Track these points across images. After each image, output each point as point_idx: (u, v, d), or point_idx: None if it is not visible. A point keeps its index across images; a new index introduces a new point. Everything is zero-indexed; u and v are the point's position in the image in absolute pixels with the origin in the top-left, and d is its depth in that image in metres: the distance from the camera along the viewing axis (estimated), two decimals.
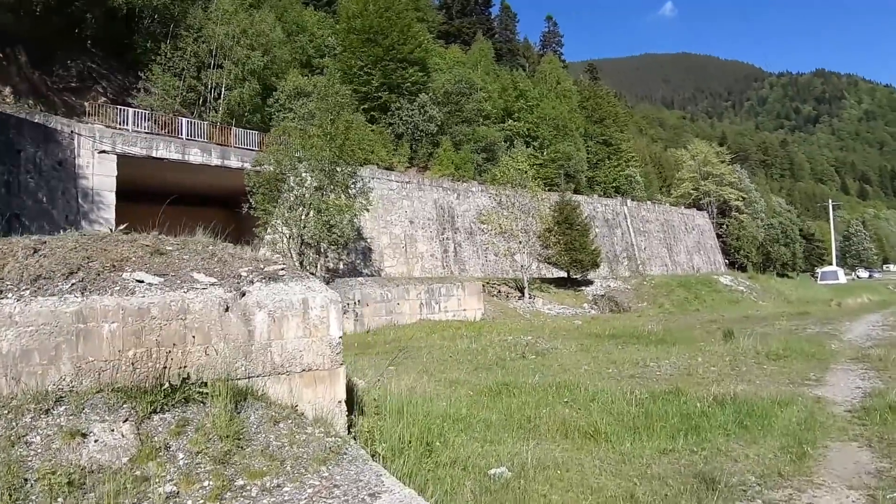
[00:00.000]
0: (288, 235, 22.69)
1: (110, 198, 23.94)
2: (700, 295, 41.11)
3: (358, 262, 31.30)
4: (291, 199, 22.40)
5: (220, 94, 35.75)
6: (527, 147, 56.31)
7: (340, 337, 6.06)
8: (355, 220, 25.83)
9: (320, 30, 52.22)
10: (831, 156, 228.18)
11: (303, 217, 22.37)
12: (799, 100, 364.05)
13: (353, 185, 24.54)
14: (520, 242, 32.03)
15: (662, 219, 64.25)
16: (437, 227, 36.78)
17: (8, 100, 28.81)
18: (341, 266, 30.31)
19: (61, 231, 20.05)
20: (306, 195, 22.75)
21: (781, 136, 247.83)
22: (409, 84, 48.60)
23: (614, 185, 66.32)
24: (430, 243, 35.96)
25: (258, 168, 23.13)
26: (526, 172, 32.80)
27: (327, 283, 23.31)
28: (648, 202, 65.59)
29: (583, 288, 37.43)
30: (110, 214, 23.83)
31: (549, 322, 26.03)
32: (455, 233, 37.29)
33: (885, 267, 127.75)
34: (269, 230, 22.18)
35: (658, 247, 61.16)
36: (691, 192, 78.37)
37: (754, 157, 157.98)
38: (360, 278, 24.85)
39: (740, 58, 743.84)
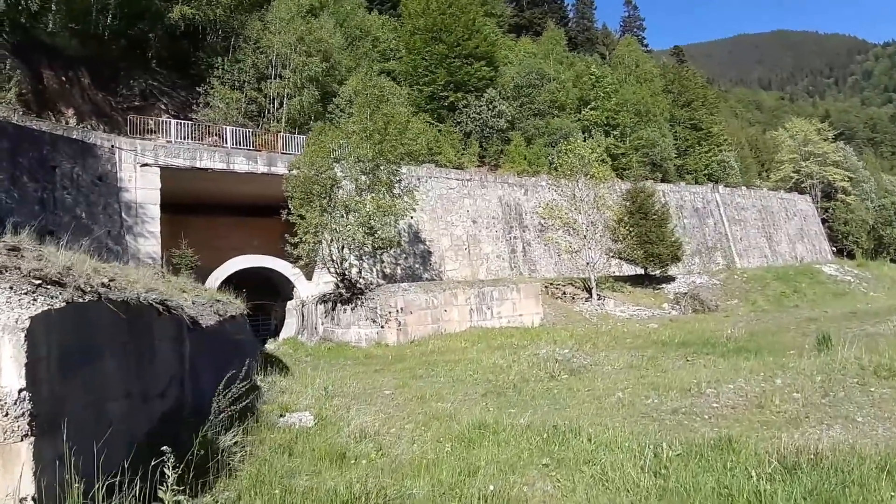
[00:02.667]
0: (329, 241, 21.44)
1: (154, 211, 23.51)
2: (799, 288, 36.57)
3: (417, 265, 29.83)
4: (326, 202, 21.10)
5: (281, 104, 35.50)
6: (606, 137, 53.58)
7: (23, 389, 3.60)
8: (401, 222, 24.42)
9: (383, 33, 51.63)
10: None
11: (341, 221, 21.04)
12: None
13: (397, 184, 22.99)
14: (584, 237, 29.31)
15: (760, 205, 59.35)
16: (503, 226, 34.75)
17: (70, 121, 29.31)
18: (399, 271, 28.94)
19: (104, 246, 19.65)
20: (344, 197, 21.42)
21: (891, 110, 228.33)
22: (475, 80, 46.95)
23: (706, 172, 61.99)
24: (496, 243, 33.98)
25: (294, 171, 22.00)
26: (587, 158, 29.91)
27: (360, 292, 21.94)
28: (743, 188, 60.81)
29: (663, 285, 34.02)
30: (155, 227, 23.45)
31: (617, 326, 23.20)
32: (523, 231, 35.16)
33: None
34: (307, 236, 20.99)
35: (756, 236, 56.48)
36: (791, 174, 72.28)
37: (861, 135, 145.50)
38: (403, 284, 23.20)
39: (841, 30, 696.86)
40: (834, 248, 69.38)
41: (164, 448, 4.00)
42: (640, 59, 66.92)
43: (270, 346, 23.24)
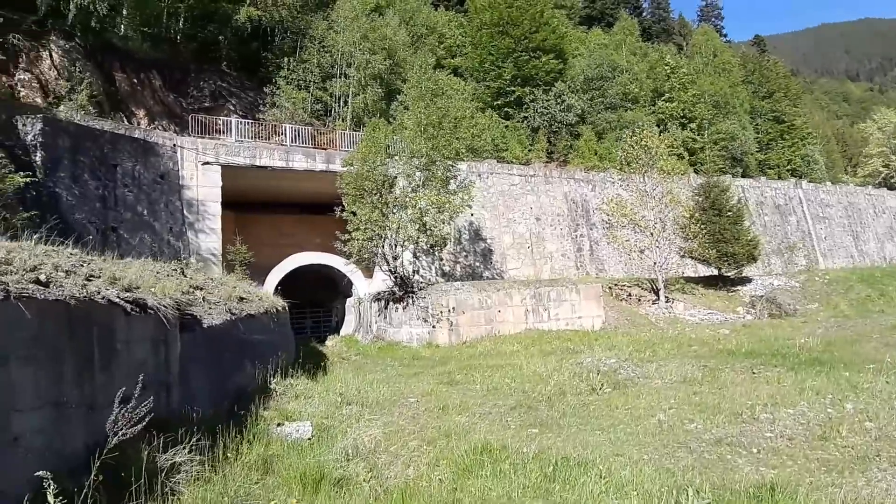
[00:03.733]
0: (382, 238, 20.99)
1: (215, 208, 23.71)
2: (886, 292, 33.29)
3: (477, 264, 29.08)
4: (377, 198, 20.64)
5: (346, 102, 35.60)
6: (682, 130, 51.42)
7: None
8: (460, 219, 23.73)
9: (450, 30, 51.20)
10: None
11: (393, 217, 20.56)
12: None
13: (452, 180, 22.29)
14: (651, 235, 27.63)
15: (846, 202, 55.58)
16: (569, 224, 33.49)
17: (142, 122, 30.15)
18: (458, 269, 28.29)
19: (166, 242, 19.92)
20: (397, 193, 20.93)
21: None
22: (543, 74, 45.81)
23: (789, 167, 58.74)
24: (561, 241, 32.77)
25: (347, 168, 21.66)
26: (655, 149, 28.18)
27: (413, 291, 21.38)
28: (828, 183, 57.14)
29: (738, 287, 31.69)
30: (216, 224, 23.68)
31: (685, 332, 21.71)
32: (591, 229, 33.80)
33: None
34: (359, 233, 20.60)
35: (841, 235, 52.93)
36: (881, 169, 67.70)
37: None
38: (456, 283, 22.45)
39: None
40: None
41: (41, 473, 3.47)
42: (718, 49, 63.91)
43: (329, 342, 23.14)
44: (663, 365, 11.97)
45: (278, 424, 6.95)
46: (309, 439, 6.68)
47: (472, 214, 29.34)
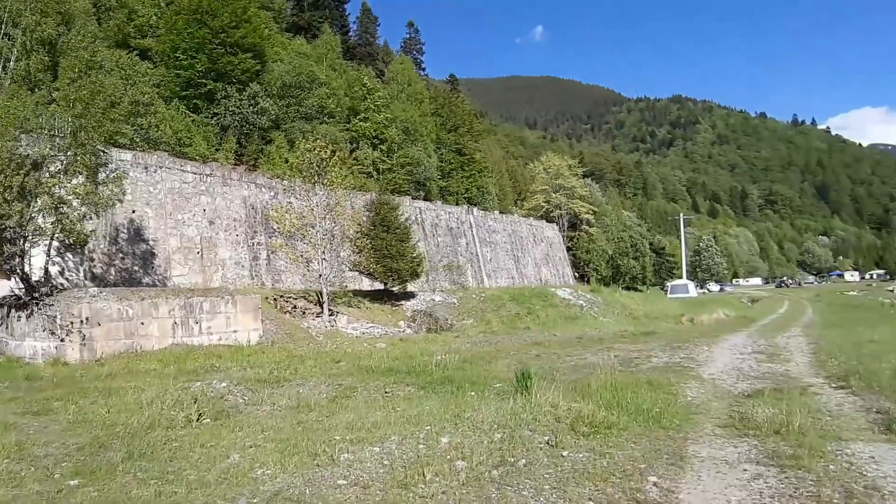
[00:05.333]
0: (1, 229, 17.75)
1: None
2: (533, 310, 37.96)
3: (136, 268, 26.35)
4: (2, 179, 17.36)
5: (4, 67, 30.22)
6: (373, 150, 53.32)
7: None
8: (118, 215, 21.21)
9: (143, 7, 46.89)
10: (683, 177, 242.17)
11: (16, 206, 17.45)
12: (655, 124, 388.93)
13: (103, 168, 19.79)
14: (315, 246, 27.32)
15: (510, 229, 62.93)
16: (246, 230, 32.15)
17: None
18: (113, 273, 25.38)
19: None
20: (25, 178, 17.79)
21: (636, 157, 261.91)
22: (239, 72, 44.05)
23: (467, 195, 64.44)
24: (236, 248, 31.30)
25: None
26: (326, 160, 27.95)
27: (38, 296, 18.63)
28: (497, 212, 64.14)
29: (402, 302, 33.13)
30: None
31: (344, 346, 22.03)
32: (269, 237, 32.91)
33: (734, 281, 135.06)
34: None
35: (505, 258, 59.67)
36: (543, 204, 78.34)
37: (609, 176, 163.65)
38: (92, 289, 19.82)
39: (602, 83, 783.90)
40: (576, 274, 76.12)
41: None
42: (413, 79, 68.14)
43: None
44: (290, 386, 11.63)
45: None
46: None
47: (133, 211, 26.67)
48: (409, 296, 34.19)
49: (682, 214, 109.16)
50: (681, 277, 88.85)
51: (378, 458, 6.92)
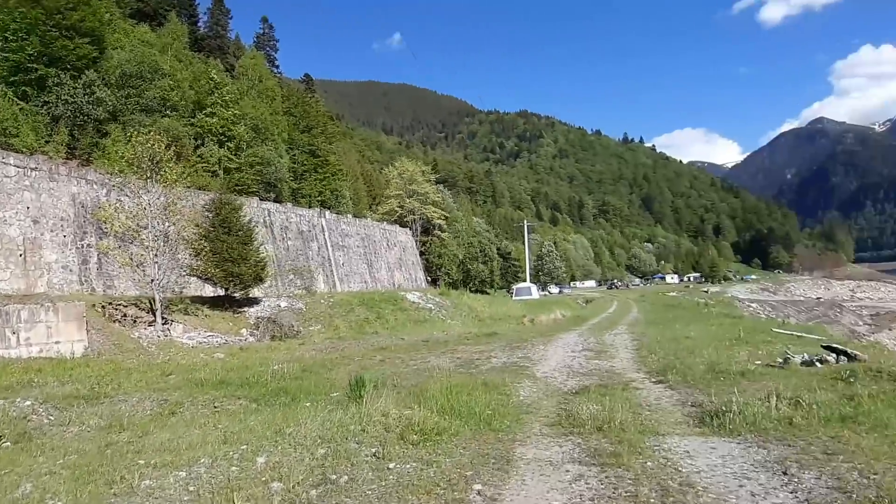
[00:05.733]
0: None
1: None
2: (382, 314, 37.80)
3: None
4: None
5: None
6: (220, 147, 50.95)
7: None
8: None
9: None
10: (528, 186, 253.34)
11: None
12: (504, 136, 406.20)
13: None
14: (147, 248, 25.53)
15: (364, 233, 62.61)
16: (75, 231, 29.41)
17: None
18: None
19: None
20: None
21: (487, 167, 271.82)
22: (74, 58, 40.51)
23: (320, 198, 63.23)
24: (64, 251, 28.54)
25: None
26: (158, 154, 26.32)
27: None
28: (350, 216, 63.58)
29: (245, 309, 31.64)
30: None
31: (178, 357, 20.57)
32: (102, 239, 30.37)
33: (572, 284, 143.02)
34: None
35: (358, 262, 59.25)
36: (397, 208, 78.76)
37: (461, 184, 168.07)
38: None
39: (456, 94, 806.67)
40: (429, 278, 77.29)
41: None
42: (265, 76, 66.04)
43: None
44: (110, 403, 10.66)
45: None
46: None
47: None
48: (253, 302, 32.77)
49: (526, 221, 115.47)
50: (525, 281, 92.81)
51: (184, 484, 6.17)
